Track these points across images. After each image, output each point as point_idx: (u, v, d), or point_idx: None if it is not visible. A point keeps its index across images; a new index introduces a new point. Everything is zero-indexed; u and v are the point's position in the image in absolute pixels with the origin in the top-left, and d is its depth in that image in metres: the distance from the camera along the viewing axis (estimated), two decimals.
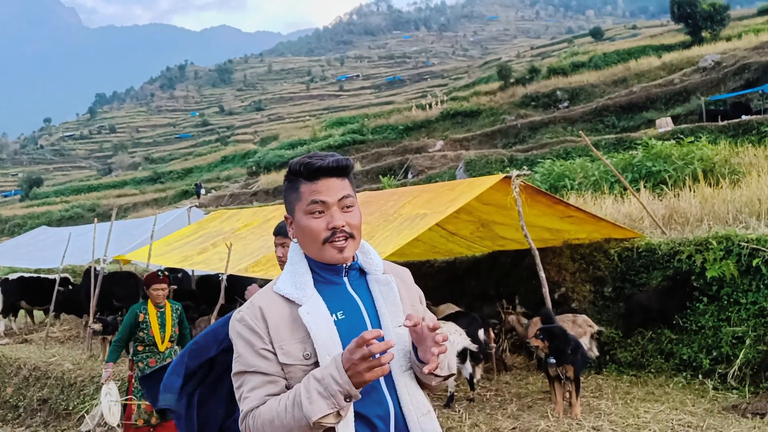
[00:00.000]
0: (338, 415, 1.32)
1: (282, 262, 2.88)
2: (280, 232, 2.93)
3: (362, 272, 1.58)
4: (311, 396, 1.30)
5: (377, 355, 1.27)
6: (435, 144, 29.75)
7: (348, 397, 1.30)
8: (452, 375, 1.60)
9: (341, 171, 1.49)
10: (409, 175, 25.09)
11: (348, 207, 1.50)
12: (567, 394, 4.89)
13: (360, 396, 1.32)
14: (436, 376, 1.51)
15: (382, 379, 1.46)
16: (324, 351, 1.40)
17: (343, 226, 1.46)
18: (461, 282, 8.12)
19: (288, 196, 1.54)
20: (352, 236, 1.48)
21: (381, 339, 1.30)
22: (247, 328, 1.45)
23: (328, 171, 1.47)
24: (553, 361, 4.61)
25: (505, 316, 6.61)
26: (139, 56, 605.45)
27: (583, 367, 5.14)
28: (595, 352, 5.73)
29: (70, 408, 6.86)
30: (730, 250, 5.68)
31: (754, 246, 5.54)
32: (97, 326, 7.63)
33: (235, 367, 1.47)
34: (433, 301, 7.03)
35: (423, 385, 1.57)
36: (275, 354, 1.43)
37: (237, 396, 1.46)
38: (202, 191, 36.02)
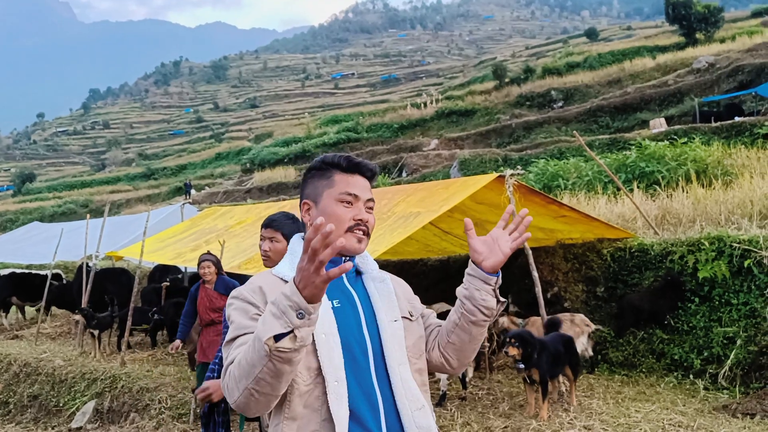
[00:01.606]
0: (294, 338, 1.23)
1: (267, 257, 2.75)
2: (270, 225, 2.75)
3: (358, 273, 1.63)
4: (265, 318, 1.26)
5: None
6: (429, 143, 29.73)
7: (300, 313, 1.22)
8: (505, 302, 1.70)
9: (372, 175, 1.63)
10: (404, 174, 25.09)
11: (370, 209, 1.60)
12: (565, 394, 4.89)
13: (313, 311, 1.24)
14: (488, 309, 1.62)
15: (373, 372, 1.47)
16: (320, 329, 1.40)
17: (366, 221, 1.56)
18: (455, 281, 8.10)
19: (314, 182, 1.59)
20: (368, 234, 1.57)
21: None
22: (244, 301, 1.46)
23: (363, 170, 1.60)
24: (522, 366, 4.63)
25: (497, 319, 6.59)
26: (133, 52, 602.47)
27: (560, 370, 5.08)
28: (590, 352, 5.75)
29: (61, 404, 6.82)
30: (722, 251, 5.71)
31: (746, 247, 5.57)
32: (78, 317, 7.65)
33: (228, 336, 1.43)
34: (427, 300, 7.03)
35: (449, 352, 1.69)
36: None
37: (226, 363, 1.40)
38: (192, 190, 35.46)
